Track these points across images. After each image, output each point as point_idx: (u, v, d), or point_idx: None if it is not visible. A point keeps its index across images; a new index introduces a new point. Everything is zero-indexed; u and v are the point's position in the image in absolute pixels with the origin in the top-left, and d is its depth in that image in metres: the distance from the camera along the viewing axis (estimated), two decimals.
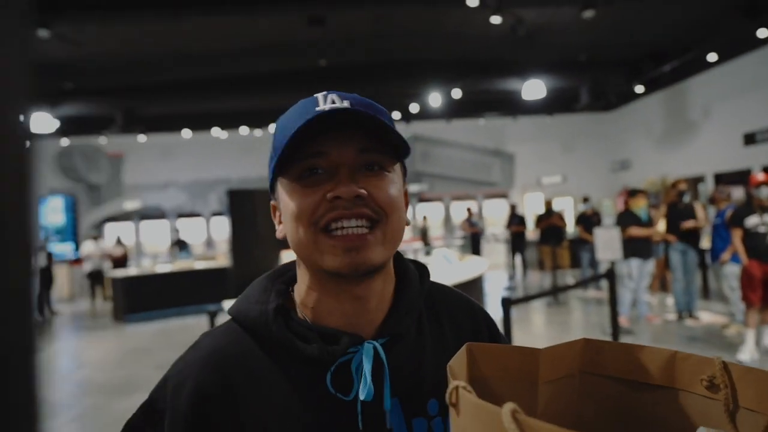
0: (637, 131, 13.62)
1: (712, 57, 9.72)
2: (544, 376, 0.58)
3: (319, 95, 0.64)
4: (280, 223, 0.68)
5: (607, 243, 5.71)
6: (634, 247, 5.90)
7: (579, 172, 14.78)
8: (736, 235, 4.88)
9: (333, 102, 0.62)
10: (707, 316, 6.52)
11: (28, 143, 0.29)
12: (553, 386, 0.59)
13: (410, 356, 0.68)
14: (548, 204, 10.21)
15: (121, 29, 7.58)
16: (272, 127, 0.71)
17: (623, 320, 6.11)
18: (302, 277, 0.67)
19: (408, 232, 13.13)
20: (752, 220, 4.77)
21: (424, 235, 12.08)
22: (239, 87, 9.98)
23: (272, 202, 0.70)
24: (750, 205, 4.86)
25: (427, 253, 7.95)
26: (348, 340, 0.63)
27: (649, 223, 6.19)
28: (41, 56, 8.43)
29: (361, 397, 0.61)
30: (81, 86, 9.93)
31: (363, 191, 0.60)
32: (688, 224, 6.13)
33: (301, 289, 0.68)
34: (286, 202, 0.63)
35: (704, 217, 6.46)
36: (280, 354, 0.64)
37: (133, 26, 7.37)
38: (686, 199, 6.53)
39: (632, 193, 6.33)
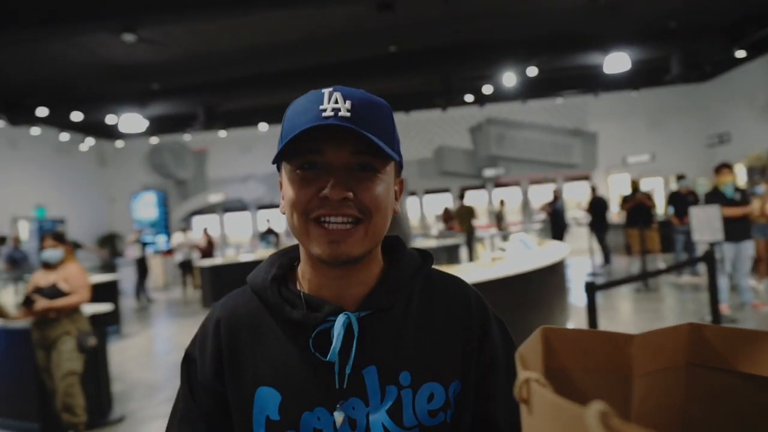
0: (737, 102, 12.42)
1: None
2: (639, 368, 0.48)
3: (325, 92, 0.68)
4: (283, 198, 0.74)
5: (704, 223, 5.23)
6: (724, 229, 5.36)
7: (669, 150, 13.75)
8: None
9: (336, 102, 0.67)
10: None
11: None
12: (650, 380, 0.48)
13: (389, 330, 0.74)
14: (634, 184, 9.52)
15: (199, 28, 7.90)
16: None
17: (724, 308, 5.61)
18: (302, 254, 0.76)
19: (483, 218, 12.88)
20: None
21: (499, 220, 11.74)
22: (311, 78, 10.11)
23: (279, 179, 0.76)
24: None
25: (504, 238, 7.70)
26: (328, 309, 0.71)
27: (742, 201, 5.59)
28: (130, 59, 8.99)
29: (329, 355, 0.69)
30: (166, 86, 10.50)
31: (350, 194, 0.67)
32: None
33: (302, 264, 0.77)
34: (286, 187, 0.71)
35: None
36: (276, 316, 0.74)
37: (209, 23, 7.65)
38: None
39: (717, 169, 5.76)
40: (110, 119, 11.15)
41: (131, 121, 10.55)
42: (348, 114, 0.66)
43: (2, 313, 3.85)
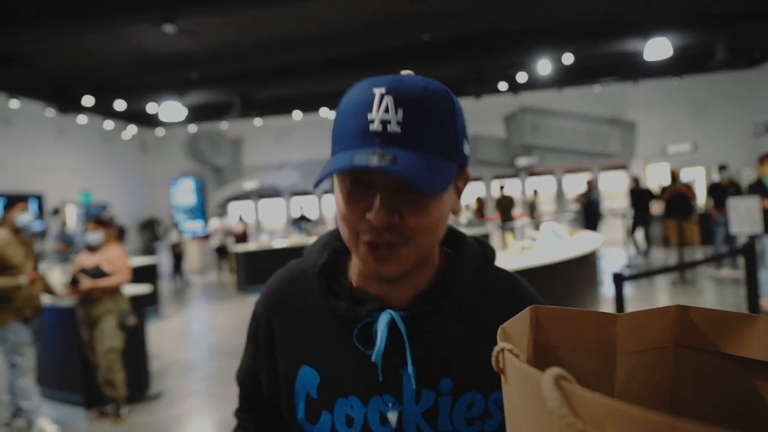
0: None
1: None
2: (624, 347, 0.50)
3: (377, 94, 0.62)
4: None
5: (743, 215, 5.06)
6: (765, 222, 5.18)
7: (712, 139, 13.26)
8: None
9: (386, 110, 0.61)
10: None
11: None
12: (636, 358, 0.51)
13: (434, 333, 0.72)
14: (674, 173, 9.23)
15: (235, 19, 8.02)
16: None
17: (765, 302, 5.44)
18: None
19: (518, 208, 12.74)
20: None
21: (532, 210, 11.60)
22: (345, 67, 10.17)
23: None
24: None
25: (536, 227, 7.62)
26: (372, 306, 0.70)
27: None
28: (170, 50, 9.21)
29: (373, 357, 0.68)
30: (204, 76, 10.72)
31: (395, 218, 0.64)
32: None
33: (354, 256, 0.73)
34: (337, 194, 0.68)
35: None
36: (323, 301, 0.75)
37: (245, 13, 7.75)
38: None
39: (761, 160, 5.59)
40: (151, 108, 11.48)
41: (171, 109, 10.83)
42: (397, 129, 0.61)
43: (51, 292, 4.07)
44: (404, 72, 0.70)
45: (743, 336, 0.49)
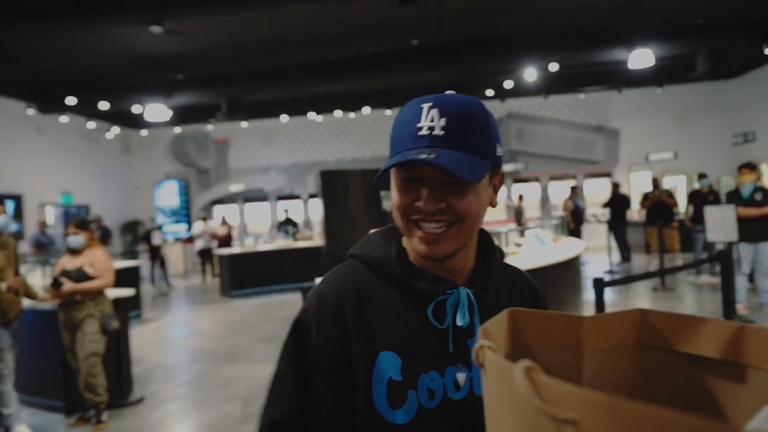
0: (765, 100, 12.17)
1: None
2: (590, 345, 0.55)
3: (424, 107, 0.77)
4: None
5: (719, 223, 5.20)
6: (740, 229, 5.32)
7: (693, 148, 13.54)
8: None
9: (432, 120, 0.76)
10: None
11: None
12: (602, 356, 0.55)
13: (488, 306, 0.86)
14: (655, 181, 9.42)
15: (223, 21, 8.02)
16: (365, 110, 0.87)
17: (741, 308, 5.58)
18: None
19: (502, 213, 12.84)
20: None
21: (518, 216, 11.72)
22: (333, 71, 10.21)
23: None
24: None
25: (521, 233, 7.70)
26: (446, 285, 0.82)
27: (763, 201, 5.57)
28: (156, 51, 9.16)
29: (459, 323, 0.81)
30: (190, 77, 10.67)
31: (442, 205, 0.77)
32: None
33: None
34: (393, 189, 0.83)
35: None
36: (395, 287, 0.84)
37: (234, 16, 7.76)
38: None
39: (738, 169, 5.77)
40: (136, 109, 11.39)
41: (156, 110, 10.77)
42: (441, 132, 0.75)
43: (31, 295, 4.01)
44: (447, 92, 0.83)
45: (696, 336, 0.54)
